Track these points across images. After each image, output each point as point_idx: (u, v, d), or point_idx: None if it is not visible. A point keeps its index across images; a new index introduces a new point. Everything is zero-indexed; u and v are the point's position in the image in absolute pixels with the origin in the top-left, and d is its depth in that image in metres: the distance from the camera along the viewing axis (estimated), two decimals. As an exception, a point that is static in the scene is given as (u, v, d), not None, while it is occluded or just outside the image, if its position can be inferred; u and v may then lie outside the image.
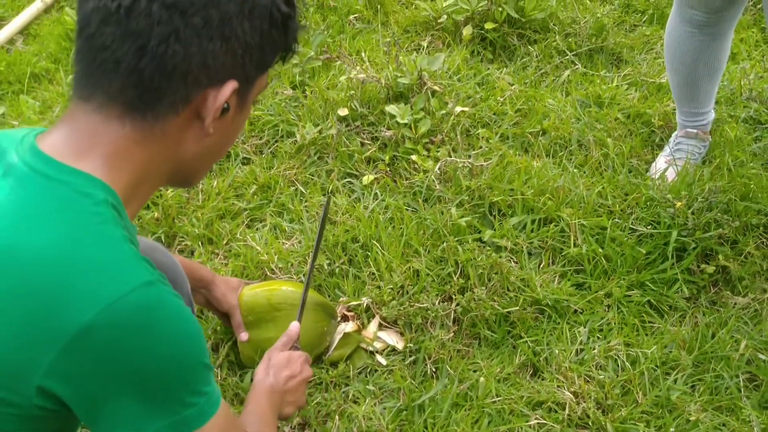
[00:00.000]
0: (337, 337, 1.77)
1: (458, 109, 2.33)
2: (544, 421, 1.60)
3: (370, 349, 1.79)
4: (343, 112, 2.32)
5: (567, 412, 1.60)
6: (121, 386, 0.84)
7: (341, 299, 1.88)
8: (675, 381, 1.68)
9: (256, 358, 1.64)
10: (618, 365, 1.72)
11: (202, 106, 0.91)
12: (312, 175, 2.24)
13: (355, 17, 2.90)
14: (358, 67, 2.49)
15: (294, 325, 1.59)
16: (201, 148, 0.96)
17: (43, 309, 0.80)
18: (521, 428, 1.59)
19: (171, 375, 0.86)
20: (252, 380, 1.42)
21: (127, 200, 0.91)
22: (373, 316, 1.86)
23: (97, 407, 0.85)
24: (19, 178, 0.86)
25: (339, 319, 1.81)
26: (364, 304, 1.86)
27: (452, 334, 1.82)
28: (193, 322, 0.90)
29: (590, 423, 1.59)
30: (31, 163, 0.87)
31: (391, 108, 2.29)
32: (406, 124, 2.28)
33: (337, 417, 1.63)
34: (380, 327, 1.85)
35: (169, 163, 0.95)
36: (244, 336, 1.67)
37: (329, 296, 1.90)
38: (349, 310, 1.86)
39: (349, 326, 1.79)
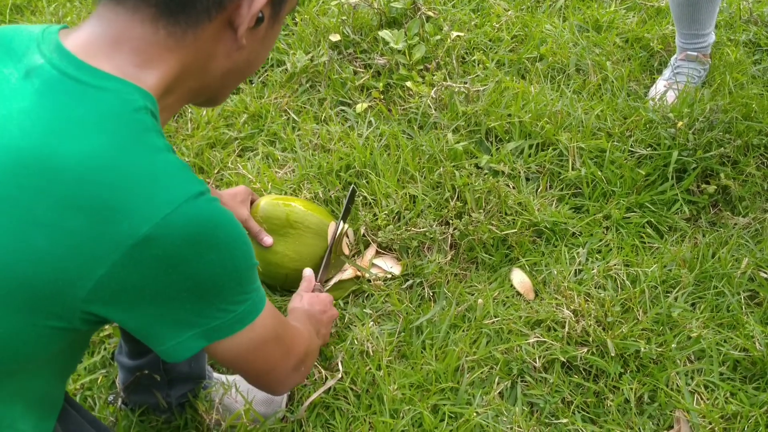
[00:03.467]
0: (333, 280, 1.74)
1: (454, 34, 2.27)
2: (544, 339, 1.58)
3: (367, 276, 1.76)
4: (335, 37, 2.25)
5: (567, 330, 1.58)
6: (176, 295, 0.83)
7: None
8: (676, 299, 1.66)
9: (260, 268, 1.63)
10: (618, 284, 1.69)
11: (236, 14, 0.86)
12: (304, 104, 2.19)
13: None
14: (349, -6, 2.42)
15: (308, 271, 1.61)
16: (231, 63, 0.92)
17: (98, 222, 0.76)
18: (520, 347, 1.58)
19: (225, 280, 0.86)
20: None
21: (159, 110, 0.87)
22: (369, 244, 1.83)
23: (144, 319, 0.84)
24: (47, 82, 0.80)
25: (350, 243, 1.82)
26: (361, 232, 1.82)
27: (449, 258, 1.79)
28: (240, 226, 0.88)
29: (590, 340, 1.57)
30: (60, 65, 0.81)
31: (384, 33, 2.23)
32: (400, 51, 2.22)
33: (337, 339, 1.61)
34: (376, 254, 1.82)
35: (199, 77, 0.90)
36: (268, 240, 1.66)
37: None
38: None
39: (346, 273, 1.75)
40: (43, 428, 0.97)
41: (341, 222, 1.77)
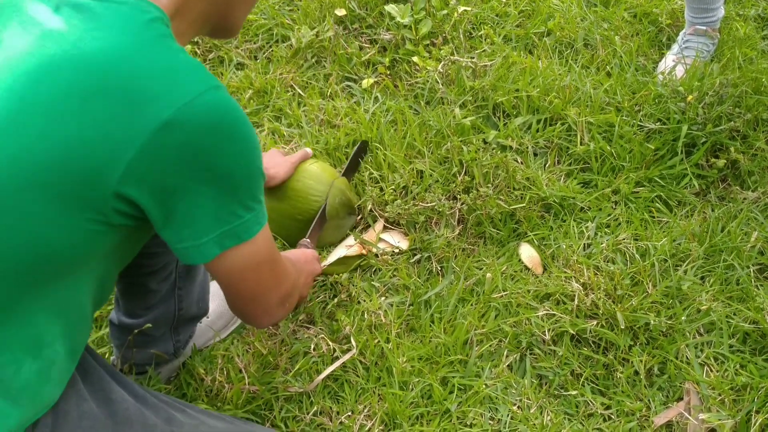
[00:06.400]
0: (337, 255, 1.73)
1: (461, 8, 2.25)
2: (553, 312, 1.57)
3: (374, 250, 1.75)
4: (340, 12, 2.23)
5: (576, 302, 1.57)
6: (197, 188, 0.87)
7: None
8: (685, 272, 1.65)
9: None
10: (627, 258, 1.69)
11: None
12: (309, 80, 2.17)
13: None
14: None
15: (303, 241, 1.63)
16: None
17: (124, 107, 0.82)
18: (529, 320, 1.57)
19: (240, 176, 0.91)
20: None
21: (174, 32, 0.93)
22: (376, 219, 1.82)
23: (169, 208, 0.88)
24: (75, 6, 0.87)
25: (359, 215, 1.80)
26: (368, 207, 1.81)
27: (457, 233, 1.78)
28: (253, 130, 0.93)
29: (600, 313, 1.56)
30: None
31: (390, 7, 2.21)
32: (406, 25, 2.20)
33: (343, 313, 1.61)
34: (384, 229, 1.82)
35: (205, 3, 0.97)
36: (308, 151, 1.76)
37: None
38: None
39: (352, 249, 1.74)
40: (72, 358, 1.00)
41: (340, 177, 1.75)
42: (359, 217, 1.83)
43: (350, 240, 1.78)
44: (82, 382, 1.02)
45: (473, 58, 2.13)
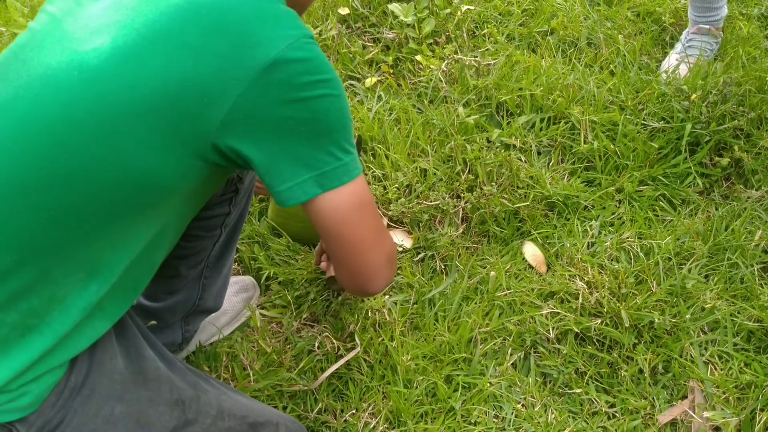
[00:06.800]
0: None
1: (464, 7, 2.25)
2: (557, 311, 1.57)
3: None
4: (343, 10, 2.23)
5: (580, 301, 1.57)
6: (295, 127, 0.91)
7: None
8: (689, 271, 1.65)
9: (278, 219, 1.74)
10: (631, 256, 1.69)
11: None
12: (313, 78, 2.17)
13: None
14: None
15: None
16: None
17: (236, 47, 0.87)
18: (533, 318, 1.57)
19: (335, 119, 0.95)
20: None
21: None
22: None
23: (270, 146, 0.92)
24: None
25: None
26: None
27: (461, 231, 1.78)
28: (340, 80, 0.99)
29: (604, 312, 1.56)
30: None
31: (393, 6, 2.21)
32: (409, 24, 2.20)
33: (346, 311, 1.61)
34: (387, 227, 1.82)
35: None
36: None
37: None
38: None
39: None
40: (127, 298, 1.03)
41: None
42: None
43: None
44: (116, 339, 1.05)
45: (476, 56, 2.13)
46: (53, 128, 0.87)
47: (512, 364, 1.53)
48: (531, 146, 1.92)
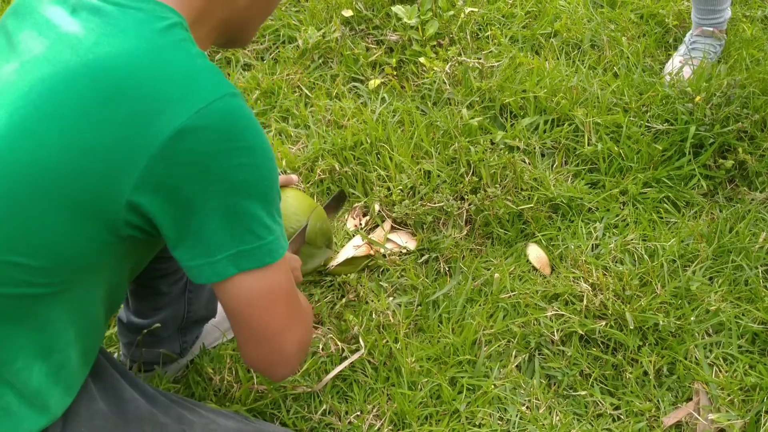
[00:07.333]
0: (345, 255, 1.73)
1: (467, 9, 2.25)
2: (562, 313, 1.57)
3: (382, 251, 1.75)
4: (347, 12, 2.23)
5: (585, 303, 1.57)
6: (206, 196, 0.84)
7: (354, 205, 1.84)
8: (694, 273, 1.65)
9: None
10: (636, 258, 1.69)
11: None
12: (316, 80, 2.17)
13: None
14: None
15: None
16: None
17: (140, 114, 0.81)
18: (538, 320, 1.57)
19: (254, 190, 0.87)
20: None
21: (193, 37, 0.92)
22: (383, 219, 1.82)
23: (182, 221, 0.86)
24: (91, 10, 0.87)
25: (333, 249, 1.70)
26: (376, 211, 1.81)
27: (465, 233, 1.78)
28: (268, 141, 0.90)
29: (608, 314, 1.56)
30: None
31: (397, 8, 2.21)
32: (412, 26, 2.21)
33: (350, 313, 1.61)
34: (391, 229, 1.82)
35: (226, 11, 0.96)
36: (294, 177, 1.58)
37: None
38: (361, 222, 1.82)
39: (360, 250, 1.73)
40: (85, 364, 0.99)
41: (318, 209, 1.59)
42: (367, 217, 1.83)
43: (358, 240, 1.78)
44: (93, 382, 1.02)
45: (480, 58, 2.13)
46: None
47: (517, 366, 1.53)
48: (535, 148, 1.92)
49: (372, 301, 1.63)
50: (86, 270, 0.89)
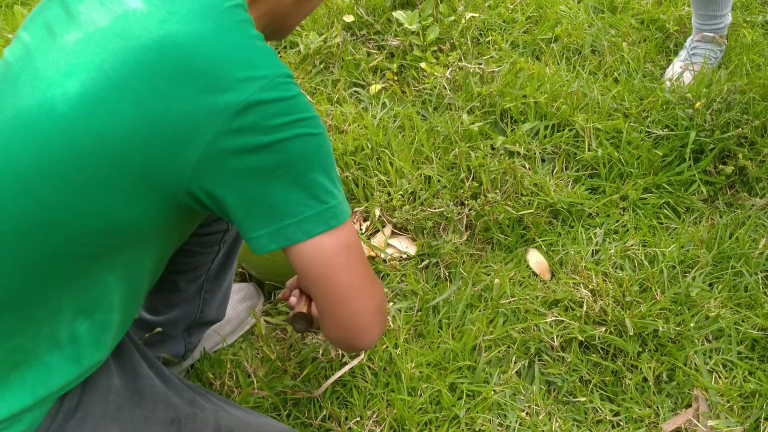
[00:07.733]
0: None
1: (468, 14, 2.25)
2: (562, 319, 1.57)
3: (382, 256, 1.76)
4: (348, 18, 2.24)
5: (585, 309, 1.57)
6: (272, 170, 0.88)
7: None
8: (694, 279, 1.65)
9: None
10: (635, 264, 1.69)
11: None
12: (318, 85, 2.18)
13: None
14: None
15: None
16: None
17: (204, 90, 0.85)
18: (537, 326, 1.57)
19: (314, 159, 0.90)
20: None
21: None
22: (384, 224, 1.83)
23: (248, 192, 0.89)
24: None
25: None
26: (377, 216, 1.82)
27: (465, 238, 1.78)
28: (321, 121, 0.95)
29: (608, 320, 1.56)
30: None
31: (398, 14, 2.22)
32: (413, 32, 2.21)
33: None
34: (392, 234, 1.82)
35: (271, 1, 1.00)
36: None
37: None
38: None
39: None
40: (121, 329, 1.02)
41: None
42: (368, 222, 1.84)
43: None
44: (112, 358, 1.05)
45: (481, 64, 2.13)
46: (23, 177, 0.86)
47: (516, 372, 1.53)
48: (535, 153, 1.93)
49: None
50: (140, 237, 0.92)
